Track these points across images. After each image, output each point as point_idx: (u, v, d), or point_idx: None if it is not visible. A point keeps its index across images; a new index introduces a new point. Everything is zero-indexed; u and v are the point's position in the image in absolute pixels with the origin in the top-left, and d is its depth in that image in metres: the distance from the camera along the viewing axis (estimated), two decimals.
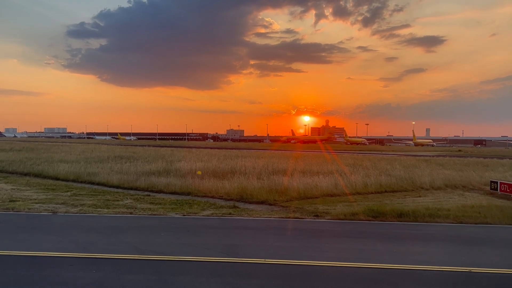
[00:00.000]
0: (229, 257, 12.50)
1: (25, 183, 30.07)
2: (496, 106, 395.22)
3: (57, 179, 33.19)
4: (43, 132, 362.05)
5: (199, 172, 27.51)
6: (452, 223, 18.28)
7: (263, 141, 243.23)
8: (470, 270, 11.55)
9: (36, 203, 21.75)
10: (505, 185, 27.12)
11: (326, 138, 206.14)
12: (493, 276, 11.27)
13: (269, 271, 11.38)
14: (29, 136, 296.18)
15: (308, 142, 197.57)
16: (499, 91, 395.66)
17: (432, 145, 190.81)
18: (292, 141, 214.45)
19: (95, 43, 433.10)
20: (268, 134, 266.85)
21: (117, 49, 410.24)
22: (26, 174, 36.11)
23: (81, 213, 19.31)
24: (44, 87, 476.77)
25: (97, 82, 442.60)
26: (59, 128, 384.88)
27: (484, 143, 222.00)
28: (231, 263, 11.99)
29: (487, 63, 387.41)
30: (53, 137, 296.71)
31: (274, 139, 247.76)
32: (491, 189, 28.42)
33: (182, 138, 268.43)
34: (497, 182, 28.19)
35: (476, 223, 18.24)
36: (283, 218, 19.05)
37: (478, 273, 11.39)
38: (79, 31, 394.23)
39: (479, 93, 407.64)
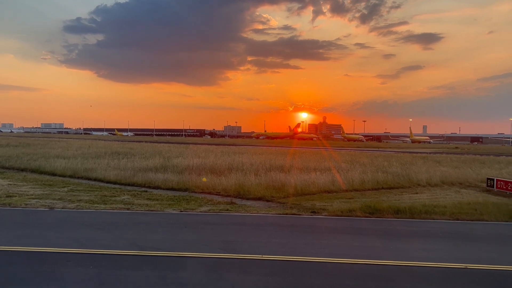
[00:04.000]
0: (226, 253, 12.52)
1: (22, 179, 29.98)
2: (493, 104, 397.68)
3: (54, 174, 33.11)
4: (40, 127, 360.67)
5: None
6: (449, 219, 18.35)
7: (259, 138, 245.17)
8: (466, 266, 11.61)
9: (33, 198, 21.69)
10: (501, 182, 27.23)
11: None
12: (489, 272, 11.33)
13: (267, 267, 11.41)
14: (25, 132, 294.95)
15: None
16: (496, 89, 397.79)
17: (429, 142, 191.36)
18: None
19: (92, 39, 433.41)
20: (265, 131, 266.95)
21: (114, 45, 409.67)
22: (22, 170, 35.99)
23: (78, 209, 19.28)
24: (41, 82, 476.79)
25: (94, 78, 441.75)
26: (56, 124, 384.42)
27: (480, 140, 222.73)
28: (228, 259, 12.01)
29: (484, 61, 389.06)
30: (50, 132, 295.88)
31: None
32: (487, 186, 28.52)
33: (180, 134, 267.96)
34: (493, 179, 28.30)
35: (472, 220, 18.32)
36: (280, 214, 19.08)
37: (474, 269, 11.45)
38: (76, 27, 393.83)
39: (476, 90, 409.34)
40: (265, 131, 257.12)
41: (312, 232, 15.96)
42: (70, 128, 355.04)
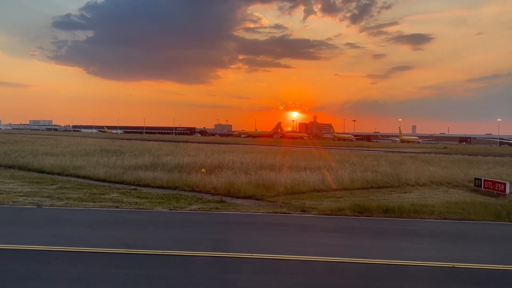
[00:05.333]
0: (216, 251, 12.50)
1: (10, 176, 29.62)
2: (481, 104, 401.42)
3: (42, 172, 32.78)
4: (28, 124, 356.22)
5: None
6: (437, 219, 18.54)
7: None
8: (454, 265, 11.75)
9: (21, 196, 21.45)
10: (489, 182, 27.57)
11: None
12: (476, 271, 11.49)
13: (256, 266, 11.42)
14: (13, 128, 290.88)
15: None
16: (484, 90, 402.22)
17: (418, 142, 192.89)
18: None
19: (82, 35, 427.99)
20: (256, 129, 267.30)
21: (104, 42, 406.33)
22: (10, 167, 35.58)
23: (67, 207, 19.11)
24: (29, 79, 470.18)
25: (83, 75, 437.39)
26: (44, 121, 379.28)
27: (469, 140, 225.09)
28: (218, 257, 12.00)
29: (473, 62, 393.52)
30: (38, 129, 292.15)
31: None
32: (475, 186, 28.85)
33: (170, 132, 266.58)
34: (481, 179, 28.64)
35: (460, 219, 18.54)
36: (270, 213, 19.10)
37: (461, 268, 11.60)
38: (65, 23, 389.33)
39: (465, 91, 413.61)
40: (256, 129, 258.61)
41: (301, 231, 16.01)
42: (59, 125, 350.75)
